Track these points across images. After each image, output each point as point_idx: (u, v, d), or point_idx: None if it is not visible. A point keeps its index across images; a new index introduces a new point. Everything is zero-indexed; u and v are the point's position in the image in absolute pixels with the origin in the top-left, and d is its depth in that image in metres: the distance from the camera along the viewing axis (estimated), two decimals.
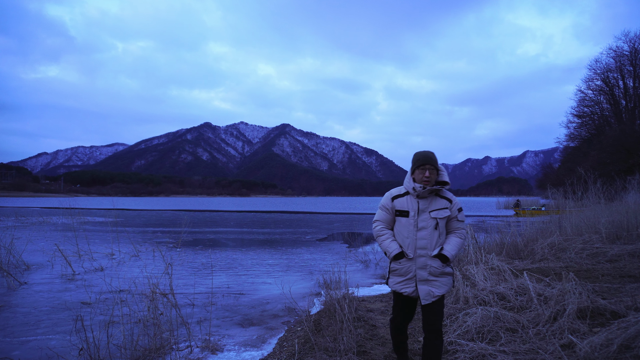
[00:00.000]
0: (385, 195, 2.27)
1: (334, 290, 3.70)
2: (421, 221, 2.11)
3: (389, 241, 2.18)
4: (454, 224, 2.18)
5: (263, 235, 12.60)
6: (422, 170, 2.11)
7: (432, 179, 2.10)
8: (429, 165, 2.11)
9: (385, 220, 2.23)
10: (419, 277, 2.11)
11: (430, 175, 2.10)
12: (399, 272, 2.16)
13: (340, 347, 2.68)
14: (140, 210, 30.86)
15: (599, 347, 2.29)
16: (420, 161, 2.13)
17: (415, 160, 2.16)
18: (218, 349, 3.01)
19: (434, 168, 2.13)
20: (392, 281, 2.21)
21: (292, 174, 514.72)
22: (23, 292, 4.95)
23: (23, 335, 3.37)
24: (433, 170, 2.12)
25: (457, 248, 2.14)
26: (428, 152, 2.17)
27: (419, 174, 2.12)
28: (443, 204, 2.14)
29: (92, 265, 6.68)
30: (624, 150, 14.45)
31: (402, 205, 2.16)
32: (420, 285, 2.11)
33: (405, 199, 2.17)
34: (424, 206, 2.12)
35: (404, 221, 2.14)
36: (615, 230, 4.93)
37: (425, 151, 2.18)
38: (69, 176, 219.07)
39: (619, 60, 26.38)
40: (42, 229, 13.63)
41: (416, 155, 2.18)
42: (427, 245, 2.10)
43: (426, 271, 2.10)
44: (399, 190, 2.24)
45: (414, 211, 2.12)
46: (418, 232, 2.10)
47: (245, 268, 6.66)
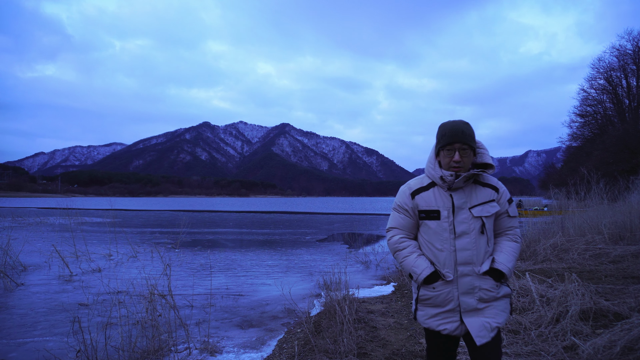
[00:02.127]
0: (401, 190, 1.59)
1: (334, 291, 3.68)
2: (460, 223, 1.46)
3: (414, 257, 1.52)
4: (505, 221, 1.55)
5: (262, 235, 12.56)
6: (449, 151, 1.46)
7: (465, 163, 1.46)
8: (459, 143, 1.45)
9: (404, 226, 1.57)
10: (464, 306, 1.46)
11: (463, 158, 1.45)
12: (434, 302, 1.49)
13: (340, 349, 2.65)
14: (138, 211, 30.77)
15: (601, 349, 2.28)
16: (445, 138, 1.46)
17: (440, 137, 1.49)
18: (217, 350, 2.98)
19: (468, 147, 1.46)
20: (424, 314, 1.52)
21: (291, 174, 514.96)
22: (20, 293, 4.91)
23: (20, 337, 3.34)
24: (467, 150, 1.46)
25: (513, 257, 1.51)
26: (458, 123, 1.48)
27: (444, 157, 1.48)
28: (488, 195, 1.50)
29: (90, 267, 6.63)
30: (627, 150, 14.49)
31: (428, 202, 1.51)
32: (469, 317, 1.46)
33: (432, 192, 1.51)
34: (461, 201, 1.48)
35: (433, 226, 1.49)
36: (619, 231, 4.92)
37: (455, 122, 1.49)
38: (67, 176, 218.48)
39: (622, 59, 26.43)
40: (39, 230, 13.55)
41: (441, 129, 1.50)
42: (472, 258, 1.46)
43: (475, 297, 1.46)
44: (420, 181, 1.57)
45: (448, 210, 1.48)
46: (457, 241, 1.46)
47: (245, 269, 6.63)
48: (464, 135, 1.45)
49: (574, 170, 16.23)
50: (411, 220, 1.56)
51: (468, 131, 1.47)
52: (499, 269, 1.48)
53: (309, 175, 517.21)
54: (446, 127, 1.48)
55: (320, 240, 11.02)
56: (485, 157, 1.55)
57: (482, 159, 1.55)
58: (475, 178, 1.53)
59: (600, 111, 28.95)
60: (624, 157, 14.37)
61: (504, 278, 1.49)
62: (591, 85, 28.85)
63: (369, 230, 14.36)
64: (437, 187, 1.52)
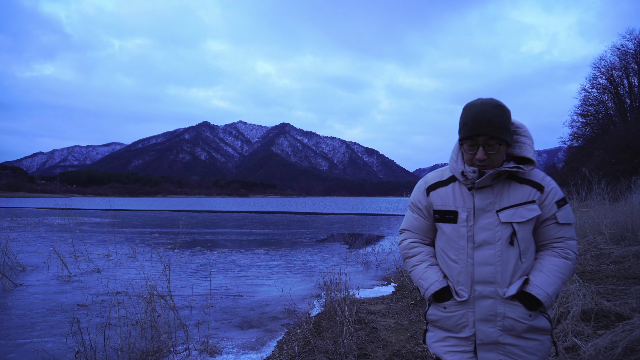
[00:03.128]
0: (417, 185, 1.32)
1: (334, 292, 3.67)
2: (482, 230, 1.14)
3: (423, 267, 1.25)
4: (551, 230, 1.17)
5: (262, 236, 12.55)
6: (471, 147, 1.14)
7: (493, 160, 1.13)
8: (483, 137, 1.11)
9: (417, 229, 1.30)
10: (482, 336, 1.14)
11: (490, 156, 1.12)
12: (444, 325, 1.21)
13: (340, 349, 2.64)
14: (137, 211, 30.72)
15: (603, 349, 2.27)
16: (467, 129, 1.13)
17: (461, 125, 1.17)
18: (216, 351, 2.96)
19: (498, 141, 1.11)
20: (432, 336, 1.25)
21: (291, 174, 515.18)
22: (18, 294, 4.89)
23: (18, 337, 3.32)
24: (494, 145, 1.12)
25: (558, 279, 1.13)
26: (485, 108, 1.11)
27: (466, 152, 1.17)
28: (526, 195, 1.15)
29: (89, 267, 6.61)
30: (628, 149, 14.48)
31: (444, 200, 1.21)
32: (485, 352, 1.14)
33: (451, 189, 1.22)
34: (486, 201, 1.15)
35: (448, 230, 1.20)
36: (620, 231, 4.91)
37: (482, 104, 1.12)
38: (65, 176, 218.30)
39: (624, 58, 26.43)
40: (37, 230, 13.53)
41: (463, 114, 1.16)
42: (494, 276, 1.12)
43: (496, 326, 1.13)
44: (440, 174, 1.28)
45: (468, 211, 1.17)
46: (477, 252, 1.14)
47: (244, 269, 6.61)
48: (491, 126, 1.08)
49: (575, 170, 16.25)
50: (426, 222, 1.29)
51: (498, 119, 1.09)
52: (531, 293, 1.10)
53: (309, 175, 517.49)
54: (469, 113, 1.13)
55: (320, 241, 11.01)
56: (525, 148, 1.18)
57: (521, 151, 1.18)
58: (510, 175, 1.17)
59: (601, 111, 28.97)
60: (626, 157, 14.38)
61: (540, 307, 1.10)
62: (592, 85, 28.88)
63: (369, 230, 14.35)
64: (459, 182, 1.21)
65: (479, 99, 1.16)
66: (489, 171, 1.14)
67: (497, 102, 1.13)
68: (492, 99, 1.15)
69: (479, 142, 1.13)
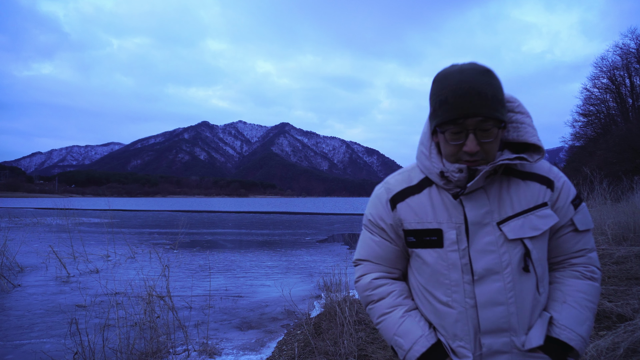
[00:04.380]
0: (376, 195, 0.93)
1: (335, 292, 3.66)
2: (481, 254, 0.80)
3: (398, 315, 0.86)
4: (569, 241, 0.85)
5: (262, 236, 12.53)
6: (456, 135, 0.77)
7: (489, 152, 0.78)
8: (474, 118, 0.74)
9: (382, 258, 0.91)
10: None
11: (484, 146, 0.77)
12: None
13: (340, 350, 2.63)
14: (136, 211, 30.68)
15: (605, 350, 2.26)
16: (448, 108, 0.76)
17: (437, 105, 0.78)
18: (216, 352, 2.95)
19: (494, 123, 0.76)
20: None
21: (291, 174, 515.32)
22: (17, 294, 4.86)
23: (17, 338, 3.31)
24: (490, 130, 0.76)
25: (589, 311, 0.82)
26: (471, 77, 0.74)
27: (446, 143, 0.79)
28: (534, 196, 0.82)
29: (87, 268, 6.59)
30: (630, 149, 14.47)
31: (419, 214, 0.85)
32: None
33: (427, 197, 0.85)
34: (482, 210, 0.81)
35: (432, 259, 0.83)
36: (622, 232, 4.90)
37: (462, 71, 0.75)
38: (64, 176, 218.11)
39: (626, 57, 26.45)
40: (36, 230, 13.49)
41: (438, 88, 0.78)
42: (508, 320, 0.79)
43: None
44: (406, 176, 0.90)
45: (457, 228, 0.82)
46: (479, 287, 0.79)
47: (244, 270, 6.60)
48: (484, 101, 0.72)
49: (577, 170, 16.27)
50: (392, 247, 0.88)
51: (492, 90, 0.73)
52: (561, 339, 0.79)
53: (308, 175, 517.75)
54: (446, 85, 0.75)
55: (320, 241, 10.99)
56: (525, 130, 0.81)
57: (519, 135, 0.82)
58: (508, 166, 0.82)
59: (603, 110, 29.01)
60: (628, 156, 14.38)
61: (572, 356, 0.79)
62: (594, 85, 28.91)
63: None
64: (436, 187, 0.84)
65: (454, 65, 0.77)
66: (483, 168, 0.76)
67: (482, 66, 0.76)
68: (473, 63, 0.77)
69: (467, 128, 0.74)
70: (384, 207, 0.89)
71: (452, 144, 0.79)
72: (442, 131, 0.79)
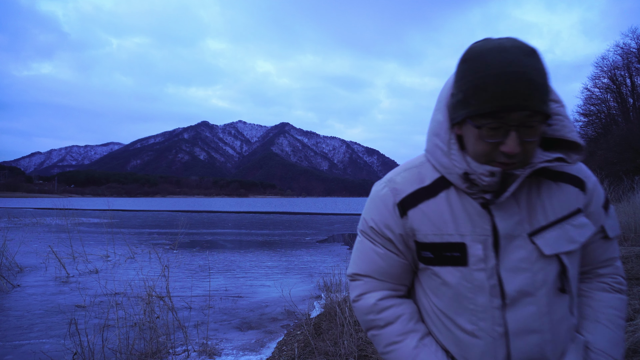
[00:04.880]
0: (379, 196, 0.75)
1: (335, 293, 3.66)
2: (513, 273, 0.66)
3: (412, 344, 0.71)
4: (597, 250, 0.75)
5: (262, 236, 12.53)
6: (494, 131, 0.60)
7: (529, 153, 0.62)
8: (519, 113, 0.58)
9: (387, 273, 0.75)
10: None
11: (526, 147, 0.61)
12: None
13: (340, 351, 2.63)
14: (136, 211, 30.66)
15: None
16: (488, 98, 0.58)
17: (472, 91, 0.60)
18: (216, 353, 2.95)
19: (541, 119, 0.60)
20: None
21: (291, 174, 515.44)
22: (16, 295, 4.86)
23: (16, 339, 3.30)
24: (535, 127, 0.60)
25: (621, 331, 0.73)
26: (518, 60, 0.57)
27: (478, 140, 0.62)
28: (568, 201, 0.69)
29: (87, 268, 6.58)
30: (631, 149, 14.47)
31: (437, 224, 0.69)
32: None
33: (445, 201, 0.69)
34: (512, 221, 0.66)
35: (453, 279, 0.68)
36: (623, 232, 4.91)
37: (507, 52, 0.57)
38: (63, 176, 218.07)
39: (626, 57, 26.43)
40: (35, 230, 13.48)
41: (474, 70, 0.59)
42: (541, 350, 0.66)
43: None
44: (415, 174, 0.73)
45: (484, 242, 0.66)
46: (510, 313, 0.65)
47: (244, 270, 6.59)
48: (534, 92, 0.58)
49: None
50: (401, 261, 0.74)
51: (541, 78, 0.59)
52: None
53: (308, 175, 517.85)
54: (484, 67, 0.59)
55: (320, 241, 10.99)
56: (563, 124, 0.66)
57: (557, 131, 0.66)
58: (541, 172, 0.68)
59: (604, 110, 29.01)
60: (629, 156, 14.38)
61: None
62: (595, 84, 28.90)
63: None
64: (456, 190, 0.69)
65: (489, 39, 0.61)
66: (521, 172, 0.62)
67: (526, 44, 0.60)
68: (514, 39, 0.60)
69: (509, 123, 0.58)
70: (390, 213, 0.72)
71: (486, 142, 0.61)
72: (477, 125, 0.61)
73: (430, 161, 0.72)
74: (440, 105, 0.69)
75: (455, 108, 0.65)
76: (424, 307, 0.75)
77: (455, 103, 0.65)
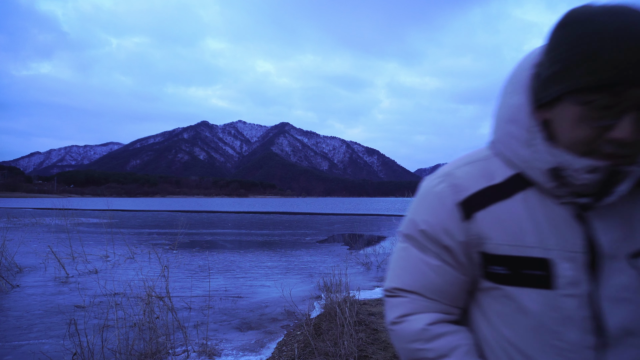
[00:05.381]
0: (431, 193, 0.60)
1: (335, 293, 3.65)
2: (615, 303, 0.51)
3: None
4: None
5: (262, 236, 12.52)
6: (603, 112, 0.46)
7: None
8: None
9: (441, 291, 0.60)
10: None
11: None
12: None
13: (341, 351, 2.62)
14: (135, 211, 30.64)
15: None
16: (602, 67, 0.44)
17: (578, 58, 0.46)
18: (215, 353, 2.95)
19: None
20: None
21: (291, 174, 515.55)
22: (15, 295, 4.85)
23: (15, 339, 3.29)
24: None
25: None
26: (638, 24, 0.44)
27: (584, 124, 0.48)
28: None
29: (86, 268, 6.57)
30: None
31: (513, 233, 0.54)
32: None
33: (523, 204, 0.54)
34: (613, 236, 0.52)
35: (535, 306, 0.53)
36: None
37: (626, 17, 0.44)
38: (63, 176, 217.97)
39: None
40: (34, 231, 13.46)
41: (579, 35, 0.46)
42: None
43: None
44: (480, 167, 0.58)
45: (572, 260, 0.51)
46: (611, 355, 0.51)
47: (244, 270, 6.59)
48: None
49: None
50: (459, 277, 0.60)
51: None
52: None
53: (308, 175, 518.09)
54: (595, 30, 0.45)
55: (320, 242, 10.99)
56: None
57: None
58: None
59: None
60: None
61: None
62: None
63: (369, 231, 14.36)
64: (536, 191, 0.55)
65: (590, 4, 0.49)
66: (634, 169, 0.50)
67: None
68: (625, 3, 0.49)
69: (628, 100, 0.46)
70: (449, 214, 0.57)
71: (591, 126, 0.48)
72: (584, 101, 0.47)
73: (502, 154, 0.57)
74: (516, 86, 0.56)
75: (545, 85, 0.51)
76: (486, 339, 0.59)
77: (547, 78, 0.50)
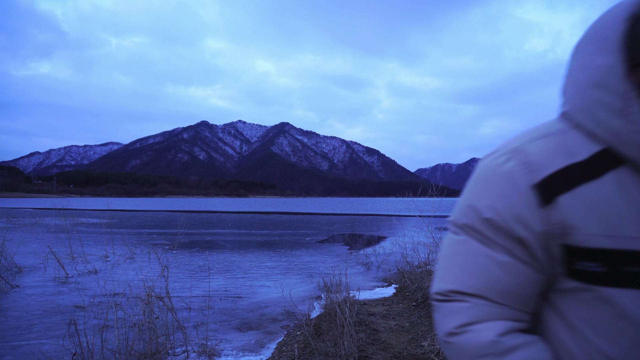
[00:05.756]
0: (497, 174, 0.49)
1: (335, 293, 3.65)
2: None
3: None
4: None
5: (261, 237, 12.51)
6: None
7: None
8: None
9: (509, 294, 0.48)
10: None
11: None
12: None
13: (341, 352, 2.62)
14: (135, 211, 30.61)
15: None
16: None
17: None
18: (215, 354, 2.94)
19: None
20: None
21: (291, 174, 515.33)
22: (15, 295, 4.84)
23: (15, 339, 3.28)
24: None
25: None
26: None
27: None
28: None
29: (86, 268, 6.57)
30: None
31: (611, 222, 0.44)
32: None
33: (617, 187, 0.45)
34: None
35: (636, 309, 0.43)
36: None
37: None
38: (62, 176, 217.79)
39: None
40: (34, 231, 13.45)
41: None
42: None
43: None
44: (558, 144, 0.48)
45: None
46: None
47: (243, 271, 6.58)
48: None
49: None
50: (534, 277, 0.49)
51: None
52: None
53: (308, 175, 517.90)
54: None
55: (320, 242, 10.98)
56: None
57: None
58: None
59: None
60: None
61: None
62: None
63: (369, 231, 14.34)
64: (631, 170, 0.46)
65: None
66: None
67: None
68: None
69: None
70: (523, 199, 0.47)
71: None
72: None
73: (582, 127, 0.48)
74: (603, 44, 0.46)
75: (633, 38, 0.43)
76: (570, 352, 0.47)
77: None
